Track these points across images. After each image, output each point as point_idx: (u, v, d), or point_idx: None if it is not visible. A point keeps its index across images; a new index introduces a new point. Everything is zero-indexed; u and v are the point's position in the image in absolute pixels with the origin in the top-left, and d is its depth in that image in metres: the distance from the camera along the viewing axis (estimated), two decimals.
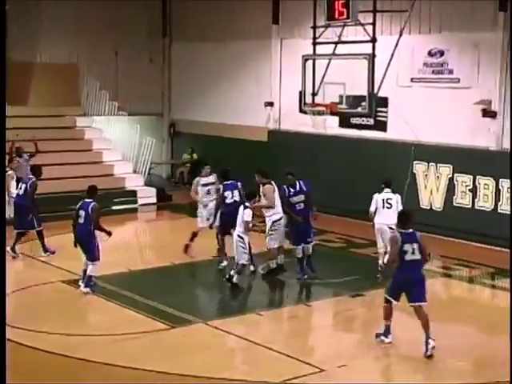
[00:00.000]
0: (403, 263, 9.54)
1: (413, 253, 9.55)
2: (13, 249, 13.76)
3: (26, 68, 20.57)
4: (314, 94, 16.69)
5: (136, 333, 10.07)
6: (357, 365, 9.32)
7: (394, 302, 9.82)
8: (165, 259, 14.08)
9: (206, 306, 11.61)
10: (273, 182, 12.52)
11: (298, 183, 12.78)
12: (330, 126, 17.58)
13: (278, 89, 20.35)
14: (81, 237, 11.95)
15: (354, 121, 18.38)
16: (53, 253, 14.08)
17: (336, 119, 18.07)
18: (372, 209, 12.91)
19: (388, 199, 12.89)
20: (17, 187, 14.46)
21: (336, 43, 16.57)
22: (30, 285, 12.07)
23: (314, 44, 16.78)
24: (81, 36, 21.93)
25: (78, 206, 12.00)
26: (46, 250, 14.08)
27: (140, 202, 19.75)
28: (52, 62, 21.77)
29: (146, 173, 20.79)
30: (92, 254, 11.94)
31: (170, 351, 9.58)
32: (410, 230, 9.69)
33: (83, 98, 21.77)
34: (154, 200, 20.03)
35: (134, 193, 19.74)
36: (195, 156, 22.77)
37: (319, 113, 16.54)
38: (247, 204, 12.04)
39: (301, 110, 17.67)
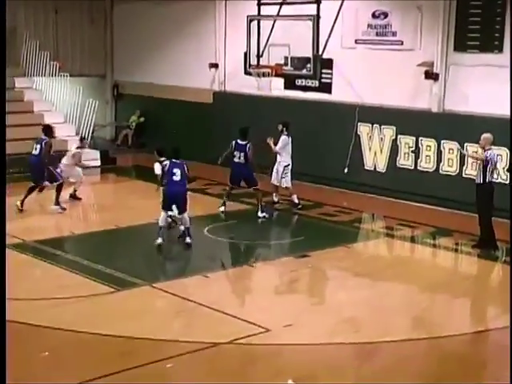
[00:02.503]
0: (232, 163, 14.41)
1: (239, 158, 14.30)
2: (22, 202, 14.34)
3: None
4: (258, 56, 16.62)
5: (79, 296, 10.01)
6: (301, 324, 9.46)
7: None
8: (109, 222, 13.98)
9: (152, 269, 11.58)
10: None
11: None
12: (275, 87, 17.55)
13: (222, 50, 20.17)
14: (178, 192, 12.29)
15: (298, 82, 18.38)
16: (63, 209, 14.52)
17: (281, 81, 18.03)
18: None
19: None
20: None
21: (281, 4, 16.49)
22: None
23: (259, 5, 16.67)
24: None
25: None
26: (57, 203, 14.49)
27: (84, 164, 19.43)
28: None
29: (89, 135, 20.45)
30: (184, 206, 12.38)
31: (114, 314, 9.56)
32: (244, 142, 14.34)
33: (22, 58, 21.20)
34: (98, 163, 19.75)
35: None
36: (141, 119, 22.52)
37: (264, 74, 16.50)
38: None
39: (246, 72, 17.58)
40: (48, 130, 14.91)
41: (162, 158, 12.99)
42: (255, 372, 8.14)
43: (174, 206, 12.16)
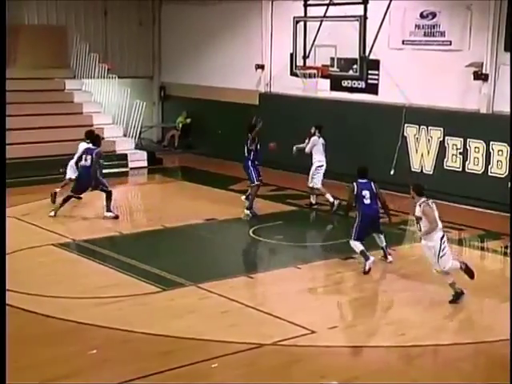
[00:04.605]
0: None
1: (243, 152, 14.24)
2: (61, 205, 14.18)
3: (13, 30, 20.28)
4: (305, 57, 16.59)
5: (126, 295, 10.13)
6: (347, 327, 9.43)
7: None
8: (156, 222, 14.11)
9: (198, 269, 11.64)
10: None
11: None
12: (321, 88, 17.51)
13: (268, 51, 20.20)
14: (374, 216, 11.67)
15: (345, 84, 18.30)
16: (116, 217, 14.18)
17: (327, 82, 17.98)
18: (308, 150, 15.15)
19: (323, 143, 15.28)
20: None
21: (327, 5, 16.44)
22: (22, 248, 12.08)
23: (306, 6, 16.64)
24: None
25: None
26: (110, 209, 14.23)
27: (131, 165, 19.69)
28: (40, 23, 21.52)
29: (137, 136, 20.70)
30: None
31: (159, 313, 9.63)
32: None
33: (72, 61, 21.54)
34: (145, 164, 19.99)
35: (124, 156, 19.67)
36: (188, 120, 22.70)
37: (310, 76, 16.46)
38: None
39: (292, 73, 17.57)
40: (96, 139, 14.44)
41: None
42: (299, 373, 8.11)
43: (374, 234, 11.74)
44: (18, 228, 13.53)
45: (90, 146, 14.30)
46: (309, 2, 16.48)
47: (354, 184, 11.64)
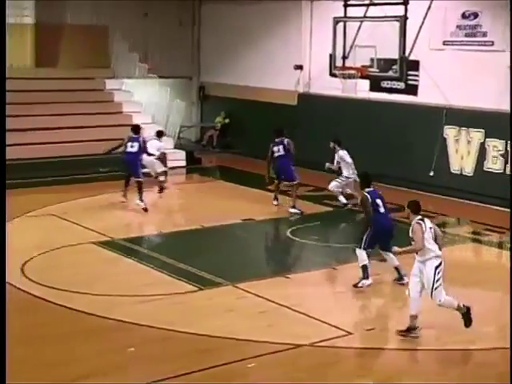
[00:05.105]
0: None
1: (278, 151, 14.94)
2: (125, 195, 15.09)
3: (54, 29, 20.58)
4: (344, 57, 16.55)
5: (164, 294, 10.20)
6: (384, 329, 9.37)
7: None
8: (194, 222, 14.19)
9: (235, 269, 11.69)
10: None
11: None
12: (361, 89, 17.44)
13: (308, 51, 20.18)
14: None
15: (384, 84, 18.19)
16: (145, 210, 14.68)
17: (366, 83, 17.90)
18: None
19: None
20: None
21: (368, 5, 16.38)
22: (62, 246, 12.25)
23: (346, 6, 16.59)
24: None
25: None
26: (141, 199, 14.81)
27: (169, 165, 19.81)
28: (81, 23, 21.79)
29: (176, 136, 20.83)
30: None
31: (196, 312, 9.68)
32: (280, 139, 14.64)
33: (113, 60, 21.76)
34: (184, 163, 20.11)
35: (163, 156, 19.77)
36: (226, 120, 22.78)
37: (350, 76, 16.41)
38: None
39: (331, 74, 17.52)
40: (138, 129, 15.35)
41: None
42: (335, 374, 8.10)
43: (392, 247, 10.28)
44: (59, 226, 13.74)
45: (133, 134, 15.10)
46: (349, 2, 16.44)
47: (366, 194, 10.90)
